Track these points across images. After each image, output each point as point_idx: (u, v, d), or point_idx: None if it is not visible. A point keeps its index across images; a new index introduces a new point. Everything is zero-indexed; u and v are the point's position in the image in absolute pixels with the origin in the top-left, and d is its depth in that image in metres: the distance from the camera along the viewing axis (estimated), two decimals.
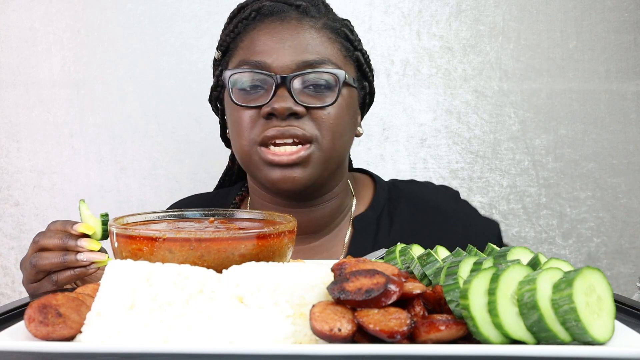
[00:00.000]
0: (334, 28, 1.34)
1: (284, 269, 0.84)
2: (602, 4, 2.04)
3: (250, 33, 1.32)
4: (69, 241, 1.08)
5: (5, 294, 2.09)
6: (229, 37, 1.36)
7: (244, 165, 1.33)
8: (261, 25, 1.31)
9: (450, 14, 2.05)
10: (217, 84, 1.40)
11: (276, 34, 1.29)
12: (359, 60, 1.37)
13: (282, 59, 1.27)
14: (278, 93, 1.25)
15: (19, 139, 2.08)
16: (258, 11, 1.33)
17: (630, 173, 2.05)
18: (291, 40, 1.28)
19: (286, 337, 0.77)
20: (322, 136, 1.27)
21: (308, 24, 1.31)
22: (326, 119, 1.27)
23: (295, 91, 1.26)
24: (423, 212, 1.41)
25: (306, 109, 1.26)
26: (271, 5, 1.33)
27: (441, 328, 0.76)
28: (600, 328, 0.74)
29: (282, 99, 1.24)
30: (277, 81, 1.25)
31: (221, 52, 1.38)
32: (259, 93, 1.27)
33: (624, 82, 2.04)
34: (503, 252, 0.90)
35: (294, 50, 1.27)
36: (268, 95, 1.26)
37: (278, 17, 1.31)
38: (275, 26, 1.30)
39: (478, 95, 2.05)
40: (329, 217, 1.39)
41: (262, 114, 1.26)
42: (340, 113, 1.29)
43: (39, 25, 2.07)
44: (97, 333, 0.79)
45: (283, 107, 1.23)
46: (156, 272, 0.82)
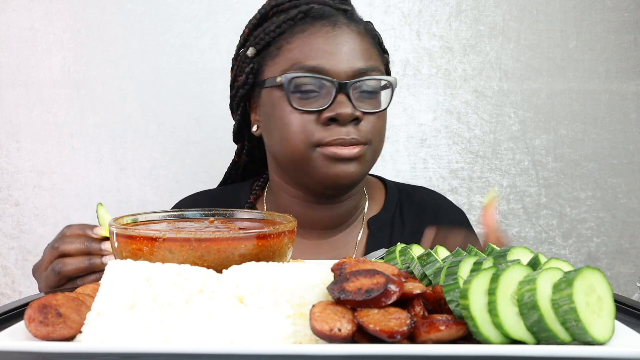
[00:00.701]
0: (371, 33, 1.38)
1: (284, 269, 0.84)
2: (602, 4, 2.04)
3: (299, 35, 1.32)
4: (92, 245, 1.10)
5: (5, 294, 2.09)
6: (268, 36, 1.35)
7: (294, 165, 1.34)
8: (312, 28, 1.32)
9: (450, 14, 2.05)
10: (247, 81, 1.40)
11: (331, 39, 1.30)
12: (387, 63, 1.44)
13: (340, 64, 1.29)
14: (338, 99, 1.28)
15: (19, 139, 2.08)
16: (306, 13, 1.34)
17: (630, 173, 2.05)
18: (346, 45, 1.31)
19: (286, 337, 0.77)
20: (374, 138, 1.32)
21: (356, 30, 1.34)
22: (377, 123, 1.32)
23: (352, 97, 1.29)
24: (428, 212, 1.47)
25: (362, 114, 1.30)
26: (321, 8, 1.34)
27: (441, 328, 0.76)
28: (600, 328, 0.74)
29: (344, 104, 1.27)
30: (337, 87, 1.27)
31: (257, 49, 1.37)
32: (314, 97, 1.29)
33: (624, 82, 2.04)
34: (503, 252, 0.90)
35: (349, 57, 1.30)
36: (326, 100, 1.28)
37: (329, 22, 1.32)
38: (328, 30, 1.31)
39: (478, 95, 2.05)
40: (347, 214, 1.44)
41: (323, 119, 1.28)
42: (384, 118, 1.36)
43: (39, 25, 2.07)
44: (97, 333, 0.79)
45: (347, 113, 1.27)
46: (156, 272, 0.82)
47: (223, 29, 2.06)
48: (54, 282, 1.13)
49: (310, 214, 1.40)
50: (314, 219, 1.41)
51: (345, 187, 1.35)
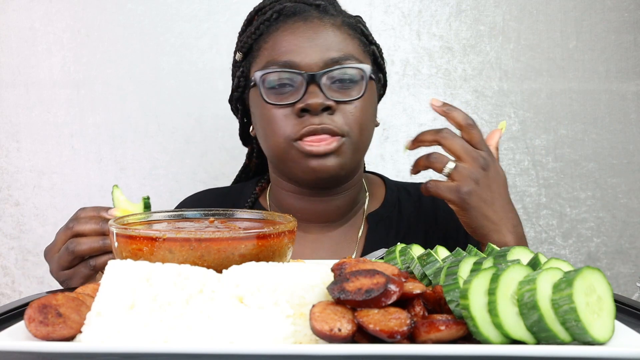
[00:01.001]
0: (351, 24, 1.40)
1: (284, 269, 0.84)
2: (602, 4, 2.04)
3: (274, 34, 1.37)
4: (105, 225, 1.11)
5: (5, 294, 2.09)
6: (250, 39, 1.41)
7: (278, 160, 1.38)
8: (284, 25, 1.36)
9: (450, 14, 2.05)
10: (239, 84, 1.45)
11: (301, 34, 1.34)
12: (374, 53, 1.45)
13: (309, 57, 1.32)
14: (309, 90, 1.30)
15: (19, 139, 2.08)
16: (280, 12, 1.38)
17: (630, 173, 2.05)
18: (316, 38, 1.34)
19: (286, 337, 0.77)
20: (351, 129, 1.33)
21: (329, 22, 1.37)
22: (354, 112, 1.33)
23: (324, 87, 1.31)
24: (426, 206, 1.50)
25: (336, 103, 1.32)
26: (292, 6, 1.38)
27: (441, 328, 0.76)
28: (600, 328, 0.74)
29: (314, 95, 1.30)
30: (307, 79, 1.30)
31: (243, 53, 1.43)
32: (289, 91, 1.32)
33: (624, 82, 2.04)
34: (503, 252, 0.90)
35: (320, 48, 1.33)
36: (299, 93, 1.31)
37: (300, 17, 1.36)
38: (298, 26, 1.35)
39: (478, 95, 2.05)
40: (346, 207, 1.45)
41: (295, 110, 1.31)
42: (366, 106, 1.36)
43: (39, 25, 2.07)
44: (97, 333, 0.79)
45: (316, 102, 1.29)
46: (156, 272, 0.82)
47: (223, 29, 2.06)
48: (67, 262, 1.14)
49: (308, 207, 1.43)
50: (312, 212, 1.43)
51: (327, 181, 1.37)
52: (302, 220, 1.37)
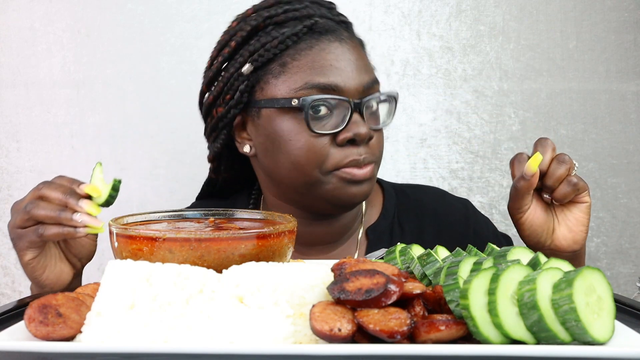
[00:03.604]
0: (361, 43, 1.36)
1: (284, 269, 0.84)
2: (602, 4, 2.04)
3: (307, 51, 1.27)
4: (70, 198, 1.05)
5: (5, 294, 2.09)
6: (269, 52, 1.28)
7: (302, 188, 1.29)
8: (320, 44, 1.27)
9: (450, 14, 2.05)
10: (242, 100, 1.31)
11: (340, 55, 1.27)
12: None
13: (351, 81, 1.26)
14: (353, 118, 1.25)
15: (19, 139, 2.08)
16: (311, 28, 1.28)
17: (630, 173, 2.05)
18: (354, 61, 1.28)
19: (286, 337, 0.77)
20: (380, 155, 1.32)
21: (356, 43, 1.33)
22: (381, 140, 1.32)
23: (366, 115, 1.27)
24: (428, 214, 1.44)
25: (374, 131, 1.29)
26: (325, 22, 1.30)
27: (441, 328, 0.76)
28: (600, 328, 0.74)
29: (359, 124, 1.24)
30: (352, 106, 1.24)
31: (255, 66, 1.29)
32: (328, 117, 1.25)
33: (624, 82, 2.04)
34: (503, 252, 0.90)
35: (358, 72, 1.27)
36: (341, 121, 1.25)
37: (335, 37, 1.29)
38: (336, 46, 1.27)
39: (478, 95, 2.05)
40: (345, 227, 1.41)
41: (340, 140, 1.25)
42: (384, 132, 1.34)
43: (39, 25, 2.07)
44: (97, 333, 0.79)
45: (364, 132, 1.24)
46: (156, 272, 0.82)
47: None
48: (21, 221, 1.08)
49: (309, 231, 1.35)
50: (313, 235, 1.37)
51: (355, 205, 1.35)
52: (302, 244, 1.30)
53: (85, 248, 1.15)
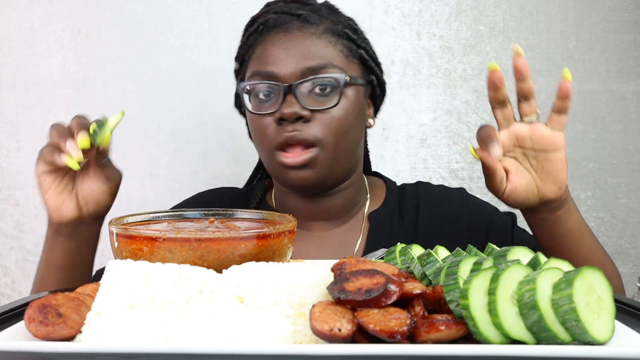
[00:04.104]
0: (335, 31, 1.42)
1: (284, 269, 0.84)
2: (602, 4, 2.04)
3: (260, 45, 1.42)
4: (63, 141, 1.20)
5: (5, 294, 2.09)
6: (242, 50, 1.47)
7: (267, 168, 1.45)
8: (268, 37, 1.41)
9: (450, 14, 2.05)
10: (237, 92, 1.50)
11: (280, 45, 1.39)
12: (362, 57, 1.45)
13: (287, 67, 1.36)
14: (287, 99, 1.35)
15: (19, 139, 2.08)
16: (265, 24, 1.43)
17: (630, 173, 2.05)
18: (294, 49, 1.38)
19: (286, 337, 0.77)
20: (326, 138, 1.36)
21: (309, 32, 1.40)
22: (330, 121, 1.36)
23: (301, 96, 1.35)
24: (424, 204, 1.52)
25: (312, 112, 1.35)
26: (275, 17, 1.43)
27: (441, 328, 0.76)
28: (600, 328, 0.74)
29: (290, 104, 1.34)
30: (284, 89, 1.35)
31: (239, 63, 1.48)
32: (271, 101, 1.37)
33: (624, 82, 2.04)
34: (503, 252, 0.90)
35: (297, 59, 1.37)
36: (278, 103, 1.35)
37: (282, 29, 1.41)
38: (279, 37, 1.40)
39: (478, 95, 2.05)
40: (345, 206, 1.49)
41: (275, 120, 1.36)
42: (344, 113, 1.38)
43: (39, 25, 2.07)
44: (97, 333, 0.79)
45: (290, 111, 1.33)
46: (156, 272, 0.82)
47: (223, 29, 2.06)
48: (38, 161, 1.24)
49: (308, 206, 1.47)
50: (313, 211, 1.47)
51: (308, 191, 1.43)
52: (305, 219, 1.46)
53: (93, 192, 1.25)
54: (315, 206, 1.47)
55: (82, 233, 1.27)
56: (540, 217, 1.24)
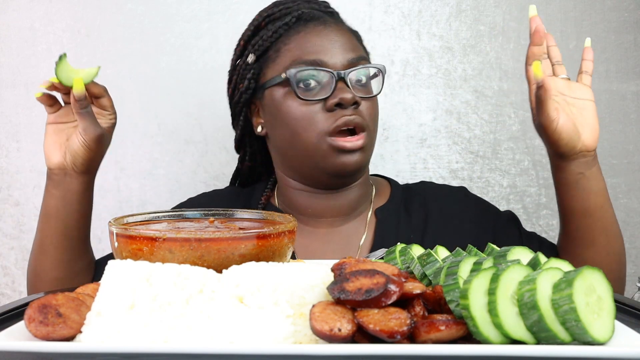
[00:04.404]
0: (355, 33, 1.53)
1: (284, 269, 0.84)
2: (602, 4, 2.04)
3: (295, 36, 1.46)
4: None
5: (5, 294, 2.09)
6: (266, 42, 1.48)
7: (303, 156, 1.44)
8: (306, 29, 1.46)
9: (450, 14, 2.05)
10: (249, 86, 1.50)
11: (324, 36, 1.45)
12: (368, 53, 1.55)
13: (335, 56, 1.43)
14: (338, 87, 1.40)
15: (19, 139, 2.08)
16: (299, 17, 1.47)
17: (630, 173, 2.05)
18: (338, 41, 1.45)
19: (286, 337, 0.77)
20: (371, 124, 1.45)
21: (342, 28, 1.50)
22: (371, 109, 1.45)
23: (351, 84, 1.41)
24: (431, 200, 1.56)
25: (361, 99, 1.42)
26: (311, 12, 1.48)
27: (441, 328, 0.76)
28: (600, 328, 0.74)
29: (344, 90, 1.40)
30: (337, 76, 1.40)
31: (256, 55, 1.49)
32: (317, 89, 1.41)
33: (624, 82, 2.04)
34: (503, 252, 0.90)
35: (343, 49, 1.44)
36: (328, 90, 1.40)
37: (319, 22, 1.47)
38: (320, 29, 1.45)
39: (478, 95, 2.05)
40: (356, 202, 1.52)
41: (328, 106, 1.40)
42: (377, 104, 1.49)
43: (39, 25, 2.07)
44: (97, 333, 0.79)
45: (349, 97, 1.39)
46: (156, 272, 0.82)
47: (223, 29, 2.06)
48: None
49: (319, 203, 1.50)
50: (323, 208, 1.50)
51: (350, 175, 1.46)
52: (312, 217, 1.50)
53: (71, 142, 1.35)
54: (326, 203, 1.50)
55: (67, 184, 1.36)
56: (578, 173, 1.33)
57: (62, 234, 1.37)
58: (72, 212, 1.37)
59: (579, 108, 1.34)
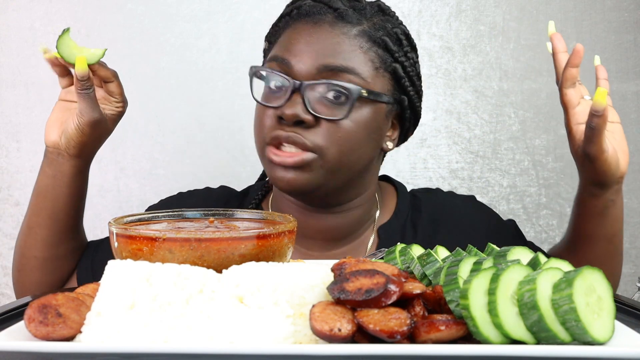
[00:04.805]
0: (372, 36, 1.29)
1: (284, 269, 0.84)
2: (602, 4, 2.04)
3: (286, 31, 1.33)
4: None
5: (5, 294, 2.09)
6: (274, 30, 1.38)
7: (262, 164, 1.34)
8: (296, 24, 1.31)
9: (450, 14, 2.05)
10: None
11: (306, 36, 1.28)
12: (396, 72, 1.32)
13: (304, 61, 1.26)
14: (292, 98, 1.24)
15: (19, 139, 2.08)
16: (298, 9, 1.33)
17: (630, 173, 2.04)
18: (317, 44, 1.27)
19: (286, 337, 0.77)
20: (328, 148, 1.25)
21: (340, 30, 1.28)
22: (334, 132, 1.25)
23: (309, 98, 1.24)
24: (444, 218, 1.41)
25: (316, 119, 1.24)
26: (310, 5, 1.32)
27: (441, 328, 0.76)
28: (600, 328, 0.74)
29: (294, 104, 1.23)
30: (294, 86, 1.24)
31: (268, 42, 1.40)
32: (279, 93, 1.27)
33: (624, 82, 2.04)
34: (503, 252, 0.90)
35: (318, 55, 1.26)
36: (283, 98, 1.25)
37: (312, 19, 1.30)
38: (307, 28, 1.29)
39: (478, 95, 2.05)
40: (352, 225, 1.37)
41: (275, 116, 1.26)
42: (354, 128, 1.26)
43: (39, 25, 2.07)
44: (97, 333, 0.79)
45: (291, 113, 1.23)
46: (156, 272, 0.82)
47: (223, 29, 2.06)
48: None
49: (310, 222, 1.34)
50: (316, 228, 1.35)
51: (298, 195, 1.31)
52: (304, 237, 1.32)
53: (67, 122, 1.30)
54: (320, 223, 1.35)
55: (59, 164, 1.30)
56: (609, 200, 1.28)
57: (50, 215, 1.32)
58: (61, 194, 1.31)
59: (611, 132, 1.25)
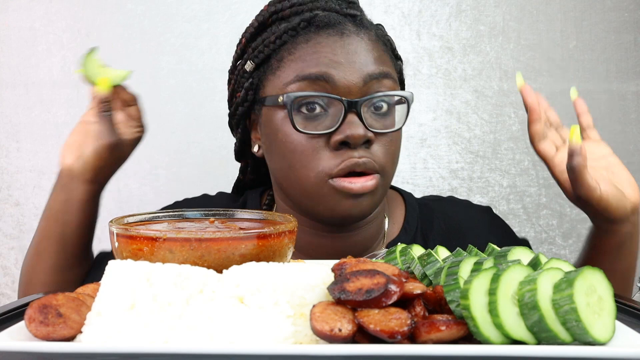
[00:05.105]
0: (383, 39, 1.26)
1: (285, 269, 0.84)
2: (602, 4, 2.04)
3: (303, 45, 1.20)
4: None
5: (5, 294, 2.09)
6: (267, 48, 1.23)
7: (305, 196, 1.21)
8: (317, 37, 1.20)
9: (450, 14, 2.05)
10: (246, 98, 1.28)
11: (339, 49, 1.18)
12: (401, 70, 1.31)
13: (350, 75, 1.16)
14: (348, 119, 1.15)
15: (19, 139, 2.08)
16: (310, 21, 1.21)
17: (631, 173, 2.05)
18: (356, 55, 1.18)
19: (286, 338, 0.77)
20: (387, 164, 1.19)
21: (366, 37, 1.22)
22: (390, 145, 1.19)
23: (364, 115, 1.16)
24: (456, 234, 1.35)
25: (375, 135, 1.17)
26: (326, 15, 1.21)
27: (442, 328, 0.76)
28: (601, 328, 0.74)
29: (354, 125, 1.14)
30: (347, 106, 1.15)
31: (255, 63, 1.25)
32: (322, 116, 1.17)
33: (624, 82, 2.04)
34: (503, 252, 0.90)
35: (361, 66, 1.18)
36: (335, 121, 1.15)
37: (335, 30, 1.20)
38: (335, 40, 1.19)
39: (478, 95, 2.05)
40: (366, 242, 1.31)
41: (333, 143, 1.15)
42: (399, 137, 1.22)
43: (39, 25, 2.06)
44: (97, 333, 0.79)
45: (359, 134, 1.14)
46: (156, 272, 0.82)
47: (223, 29, 2.06)
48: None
49: (323, 243, 1.27)
50: (329, 249, 1.27)
51: (354, 222, 1.24)
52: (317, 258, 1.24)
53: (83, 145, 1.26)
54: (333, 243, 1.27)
55: (71, 189, 1.25)
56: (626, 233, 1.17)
57: (59, 240, 1.26)
58: (72, 219, 1.26)
59: (606, 167, 1.18)
